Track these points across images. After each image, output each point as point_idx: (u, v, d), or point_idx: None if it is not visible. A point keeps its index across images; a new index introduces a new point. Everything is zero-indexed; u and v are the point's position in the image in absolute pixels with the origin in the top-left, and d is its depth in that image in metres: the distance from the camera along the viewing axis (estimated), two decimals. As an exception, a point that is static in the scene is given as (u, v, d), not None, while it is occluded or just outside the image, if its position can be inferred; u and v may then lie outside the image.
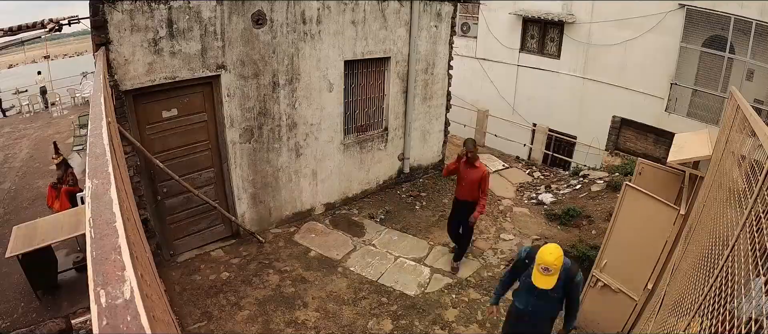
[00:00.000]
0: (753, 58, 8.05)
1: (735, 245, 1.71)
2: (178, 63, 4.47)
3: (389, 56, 6.28)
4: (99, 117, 2.14)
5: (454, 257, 5.37)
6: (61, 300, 4.63)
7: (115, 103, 4.08)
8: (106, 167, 1.55)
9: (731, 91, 3.91)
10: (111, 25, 3.99)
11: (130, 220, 1.77)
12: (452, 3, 6.80)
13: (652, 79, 9.33)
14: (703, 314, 1.76)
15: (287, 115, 5.50)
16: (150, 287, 1.42)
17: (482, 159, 9.04)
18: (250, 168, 5.40)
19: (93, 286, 0.89)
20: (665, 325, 2.45)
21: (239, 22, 4.76)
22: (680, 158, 4.33)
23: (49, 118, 13.33)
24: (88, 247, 1.06)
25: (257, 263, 5.15)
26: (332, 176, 6.30)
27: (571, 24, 10.40)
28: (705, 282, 1.93)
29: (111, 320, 0.80)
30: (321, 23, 5.41)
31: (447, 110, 7.54)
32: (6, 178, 8.16)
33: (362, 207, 6.60)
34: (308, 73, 5.50)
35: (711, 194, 2.99)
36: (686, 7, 8.55)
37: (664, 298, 2.89)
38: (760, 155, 1.89)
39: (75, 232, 4.64)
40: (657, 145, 9.61)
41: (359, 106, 6.38)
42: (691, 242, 3.00)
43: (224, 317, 4.31)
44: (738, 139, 2.66)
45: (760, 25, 7.77)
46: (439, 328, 4.37)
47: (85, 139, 6.34)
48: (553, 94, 11.07)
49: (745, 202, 1.80)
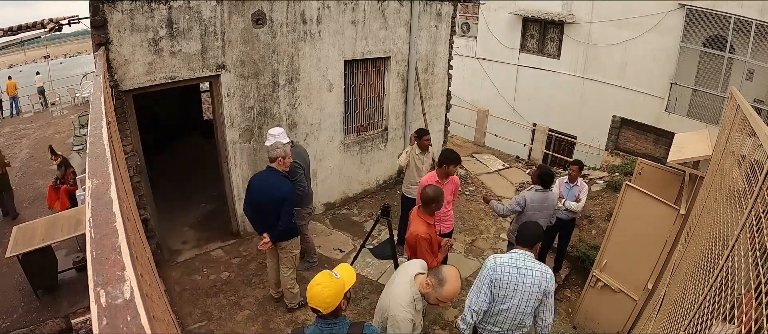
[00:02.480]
0: (753, 58, 8.06)
1: (735, 245, 1.71)
2: (178, 63, 4.47)
3: (389, 56, 6.28)
4: (99, 117, 2.14)
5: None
6: (61, 300, 4.62)
7: (115, 103, 4.08)
8: (106, 166, 1.54)
9: (731, 91, 3.91)
10: (111, 24, 3.99)
11: (130, 220, 1.77)
12: (452, 3, 6.79)
13: (652, 79, 9.34)
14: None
15: (287, 115, 5.50)
16: (150, 287, 1.42)
17: (482, 159, 9.09)
18: (250, 168, 5.39)
19: (93, 286, 0.88)
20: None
21: (239, 22, 4.75)
22: (680, 158, 4.33)
23: (49, 118, 13.33)
24: (88, 247, 1.06)
25: (257, 263, 5.15)
26: (332, 175, 6.30)
27: (571, 24, 10.40)
28: (705, 282, 1.93)
29: (111, 320, 0.79)
30: (321, 23, 5.41)
31: (447, 110, 7.54)
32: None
33: (362, 207, 6.60)
34: (308, 73, 5.50)
35: (711, 194, 2.99)
36: (686, 6, 8.56)
37: (664, 298, 2.89)
38: (760, 155, 1.89)
39: (75, 232, 4.65)
40: (657, 145, 9.61)
41: (359, 106, 6.38)
42: (691, 241, 3.00)
43: (224, 317, 4.31)
44: (738, 139, 2.66)
45: (760, 25, 7.77)
46: (439, 328, 4.37)
47: (85, 139, 6.34)
48: (553, 93, 11.07)
49: (745, 202, 1.80)
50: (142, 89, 4.38)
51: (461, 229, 6.22)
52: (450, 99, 7.53)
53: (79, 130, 9.60)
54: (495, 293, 2.79)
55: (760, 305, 1.20)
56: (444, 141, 7.73)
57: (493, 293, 2.79)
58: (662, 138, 9.31)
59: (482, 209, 6.75)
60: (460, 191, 7.40)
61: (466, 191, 7.43)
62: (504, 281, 2.75)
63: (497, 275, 2.76)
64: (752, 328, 1.18)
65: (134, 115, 4.46)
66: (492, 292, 2.79)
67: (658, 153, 9.30)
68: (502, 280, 2.75)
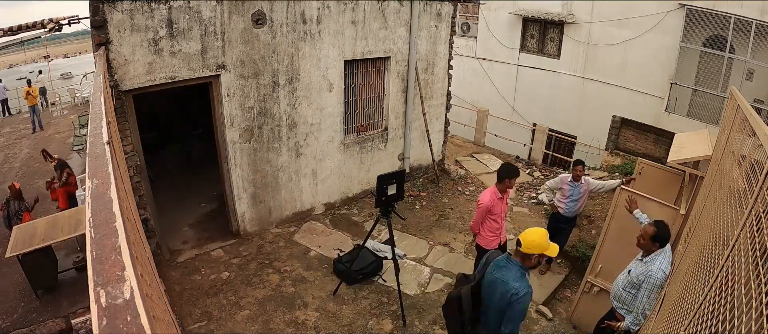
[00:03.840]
0: (753, 58, 8.05)
1: (735, 245, 1.71)
2: (178, 63, 4.47)
3: (389, 56, 6.28)
4: (99, 117, 2.14)
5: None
6: (61, 300, 4.62)
7: (115, 103, 4.08)
8: (106, 166, 1.54)
9: (731, 91, 3.91)
10: (111, 24, 3.99)
11: (130, 220, 1.77)
12: (452, 3, 6.79)
13: (652, 79, 9.33)
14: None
15: (287, 115, 5.50)
16: (150, 287, 1.42)
17: (482, 159, 9.08)
18: (250, 168, 5.39)
19: (93, 286, 0.88)
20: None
21: (239, 22, 4.75)
22: (680, 158, 4.32)
23: (49, 117, 13.33)
24: (88, 247, 1.05)
25: (257, 263, 5.15)
26: (332, 175, 6.30)
27: (571, 24, 10.39)
28: (705, 282, 1.93)
29: (111, 320, 0.79)
30: (321, 23, 5.41)
31: (447, 110, 7.54)
32: (6, 178, 8.16)
33: (362, 207, 6.60)
34: (308, 72, 5.50)
35: (711, 194, 2.99)
36: (686, 6, 8.55)
37: (664, 298, 2.89)
38: (760, 155, 1.89)
39: (75, 232, 4.65)
40: (657, 144, 9.60)
41: (359, 105, 6.38)
42: (691, 241, 3.00)
43: (224, 317, 4.31)
44: (738, 139, 2.66)
45: (760, 25, 7.76)
46: (439, 328, 4.37)
47: (85, 139, 6.34)
48: (553, 93, 11.06)
49: (745, 202, 1.80)
50: (142, 89, 4.38)
51: (461, 229, 6.22)
52: (450, 99, 7.53)
53: (79, 130, 9.61)
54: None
55: (760, 304, 1.20)
56: (444, 141, 7.73)
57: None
58: (662, 138, 9.30)
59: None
60: (460, 191, 7.41)
61: (466, 191, 7.43)
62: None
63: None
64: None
65: (134, 115, 4.46)
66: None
67: (658, 153, 9.30)
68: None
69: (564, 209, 5.13)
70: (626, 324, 3.28)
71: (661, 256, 3.14)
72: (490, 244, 4.18)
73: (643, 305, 3.18)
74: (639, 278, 3.17)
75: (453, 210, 6.75)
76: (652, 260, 3.16)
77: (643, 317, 3.21)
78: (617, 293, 3.41)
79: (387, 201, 4.14)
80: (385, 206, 4.18)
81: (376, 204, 4.16)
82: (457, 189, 7.45)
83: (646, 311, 3.19)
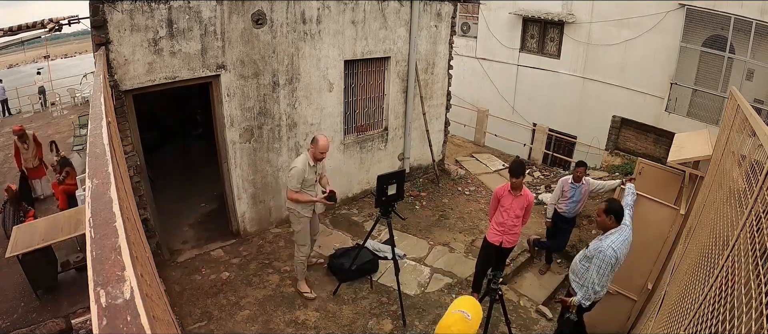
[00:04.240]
0: (753, 58, 8.05)
1: (735, 245, 1.71)
2: (178, 63, 4.47)
3: (389, 56, 6.28)
4: (99, 117, 2.14)
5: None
6: (61, 300, 4.62)
7: (115, 103, 4.08)
8: (106, 166, 1.54)
9: (731, 91, 3.91)
10: (111, 24, 3.99)
11: (130, 220, 1.77)
12: (452, 3, 6.79)
13: (652, 79, 9.33)
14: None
15: (287, 115, 5.50)
16: (150, 287, 1.42)
17: (482, 158, 9.08)
18: (250, 168, 5.39)
19: (93, 286, 0.88)
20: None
21: (239, 22, 4.75)
22: (680, 158, 4.33)
23: (49, 117, 13.32)
24: (88, 247, 1.05)
25: (257, 263, 5.15)
26: (332, 175, 6.26)
27: (571, 24, 10.40)
28: (705, 282, 1.93)
29: (111, 320, 0.79)
30: (321, 23, 5.41)
31: (447, 110, 7.53)
32: (6, 178, 8.15)
33: (362, 207, 6.60)
34: (308, 72, 5.50)
35: (711, 194, 2.99)
36: (686, 6, 8.55)
37: (664, 298, 2.89)
38: (760, 155, 1.89)
39: (75, 232, 4.65)
40: (657, 144, 9.61)
41: (359, 106, 6.38)
42: (691, 241, 3.00)
43: (224, 317, 4.31)
44: (738, 139, 2.66)
45: (760, 25, 7.77)
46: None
47: (85, 139, 6.34)
48: (553, 93, 11.07)
49: (745, 202, 1.80)
50: (142, 89, 4.38)
51: (461, 229, 6.22)
52: (450, 99, 7.53)
53: (79, 130, 9.60)
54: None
55: (760, 305, 1.20)
56: (444, 141, 7.73)
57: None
58: (662, 138, 9.30)
59: (482, 209, 6.76)
60: (460, 191, 7.41)
61: (466, 191, 7.43)
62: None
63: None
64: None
65: (134, 115, 4.46)
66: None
67: (658, 153, 9.30)
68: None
69: (564, 210, 5.18)
70: (578, 299, 3.40)
71: (616, 234, 3.29)
72: (492, 237, 4.34)
73: (593, 279, 3.30)
74: (591, 252, 3.35)
75: (453, 210, 6.75)
76: (607, 236, 3.32)
77: (593, 292, 3.34)
78: (573, 265, 3.56)
79: (387, 201, 4.14)
80: (385, 206, 4.19)
81: (376, 204, 4.17)
82: (457, 189, 7.45)
83: (596, 287, 3.31)
